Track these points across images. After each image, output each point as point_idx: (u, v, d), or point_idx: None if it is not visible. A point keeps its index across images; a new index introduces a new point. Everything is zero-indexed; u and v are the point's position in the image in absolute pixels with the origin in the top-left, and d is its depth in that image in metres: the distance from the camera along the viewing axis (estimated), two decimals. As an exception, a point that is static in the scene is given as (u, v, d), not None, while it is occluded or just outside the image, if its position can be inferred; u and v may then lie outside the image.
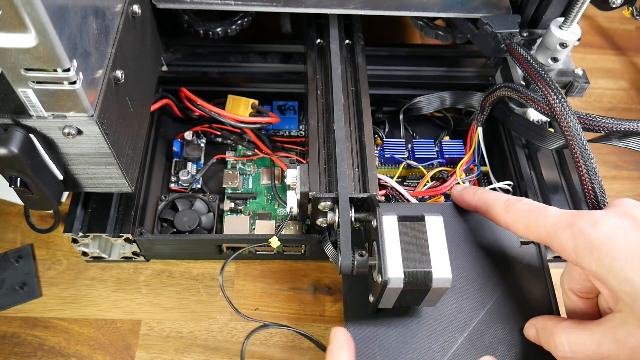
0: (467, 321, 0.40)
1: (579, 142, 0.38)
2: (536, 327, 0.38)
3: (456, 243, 0.42)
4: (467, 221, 0.43)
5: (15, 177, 0.34)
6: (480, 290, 0.41)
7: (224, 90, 0.54)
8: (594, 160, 0.38)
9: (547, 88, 0.41)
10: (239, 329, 0.46)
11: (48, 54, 0.29)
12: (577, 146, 0.38)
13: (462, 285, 0.41)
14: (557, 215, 0.35)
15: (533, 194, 0.48)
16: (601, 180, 0.38)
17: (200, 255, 0.49)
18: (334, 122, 0.44)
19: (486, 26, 0.47)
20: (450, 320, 0.40)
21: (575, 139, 0.38)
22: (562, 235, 0.34)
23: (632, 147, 0.43)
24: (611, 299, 0.33)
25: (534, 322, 0.38)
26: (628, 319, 0.31)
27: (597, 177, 0.38)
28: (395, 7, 0.47)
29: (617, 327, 0.31)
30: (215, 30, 0.51)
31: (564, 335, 0.34)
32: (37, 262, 0.49)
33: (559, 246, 0.34)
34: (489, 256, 0.42)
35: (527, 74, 0.43)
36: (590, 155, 0.38)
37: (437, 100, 0.54)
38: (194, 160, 0.53)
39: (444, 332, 0.39)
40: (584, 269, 0.33)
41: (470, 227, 0.43)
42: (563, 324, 0.35)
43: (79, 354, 0.44)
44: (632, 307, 0.30)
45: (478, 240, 0.43)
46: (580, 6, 0.44)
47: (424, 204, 0.47)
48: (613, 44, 0.71)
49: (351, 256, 0.37)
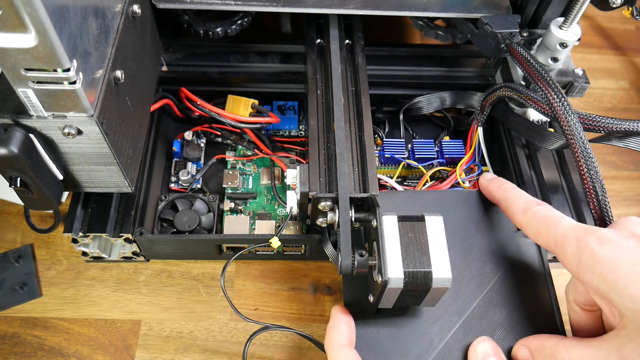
0: (465, 305, 0.40)
1: (579, 142, 0.38)
2: (530, 347, 0.37)
3: (454, 228, 0.43)
4: (464, 207, 0.44)
5: (15, 177, 0.34)
6: (478, 274, 0.41)
7: (224, 90, 0.54)
8: (595, 160, 0.38)
9: (547, 88, 0.41)
10: (239, 329, 0.46)
11: (48, 54, 0.29)
12: (578, 146, 0.38)
13: (460, 270, 0.41)
14: (568, 227, 0.35)
15: (533, 194, 0.48)
16: (602, 180, 0.38)
17: (200, 255, 0.49)
18: (334, 122, 0.44)
19: (486, 26, 0.47)
20: (449, 304, 0.40)
21: (576, 139, 0.38)
22: (567, 249, 0.34)
23: (632, 147, 0.43)
24: (612, 315, 0.33)
25: (525, 342, 0.38)
26: (633, 336, 0.31)
27: (599, 177, 0.38)
28: (395, 7, 0.47)
29: (622, 345, 0.31)
30: (215, 30, 0.51)
31: (567, 352, 0.34)
32: (37, 262, 0.49)
33: (564, 258, 0.34)
34: (486, 241, 0.43)
35: (527, 74, 0.43)
36: (591, 155, 0.38)
37: (437, 100, 0.54)
38: (194, 160, 0.53)
39: (442, 316, 0.40)
40: (585, 284, 0.33)
41: (468, 213, 0.44)
42: (565, 341, 0.35)
43: (79, 354, 0.44)
44: (637, 324, 0.30)
45: (476, 226, 0.43)
46: (580, 6, 0.43)
47: (424, 191, 0.48)
48: (613, 44, 0.71)
49: (351, 256, 0.37)
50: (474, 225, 0.43)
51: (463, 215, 0.44)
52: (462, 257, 0.42)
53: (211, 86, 0.54)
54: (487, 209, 0.44)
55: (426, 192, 0.46)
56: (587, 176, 0.38)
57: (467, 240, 0.43)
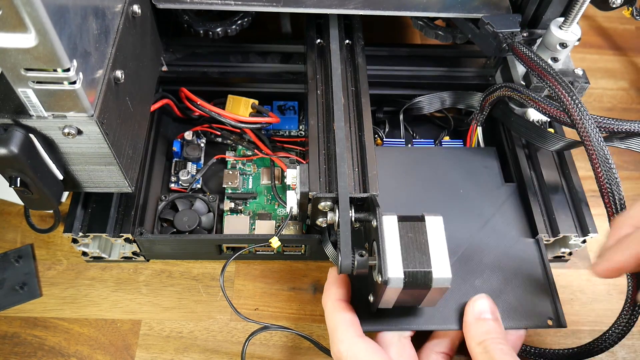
0: (455, 248, 0.42)
1: (595, 142, 0.38)
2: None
3: (443, 178, 0.48)
4: (453, 160, 0.49)
5: (15, 177, 0.34)
6: (467, 222, 0.45)
7: (224, 90, 0.54)
8: (610, 156, 0.38)
9: (556, 84, 0.40)
10: (239, 329, 0.46)
11: (48, 54, 0.29)
12: (591, 142, 0.38)
13: (451, 217, 0.43)
14: None
15: (533, 194, 0.48)
16: (618, 178, 0.38)
17: (200, 255, 0.49)
18: (334, 122, 0.44)
19: (487, 26, 0.46)
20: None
21: (592, 139, 0.38)
22: None
23: (633, 148, 0.43)
24: None
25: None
26: None
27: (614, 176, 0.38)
28: (395, 7, 0.47)
29: None
30: (215, 30, 0.51)
31: None
32: (37, 262, 0.49)
33: None
34: (474, 192, 0.47)
35: (533, 72, 0.42)
36: (606, 153, 0.38)
37: (437, 100, 0.54)
38: (194, 160, 0.53)
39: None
40: None
41: (457, 167, 0.49)
42: None
43: (79, 354, 0.44)
44: None
45: (465, 178, 0.48)
46: (580, 6, 0.43)
47: (417, 147, 0.52)
48: (613, 44, 0.71)
49: (351, 256, 0.37)
50: (463, 176, 0.48)
51: (451, 166, 0.49)
52: (453, 203, 0.46)
53: (211, 86, 0.54)
54: (475, 165, 0.49)
55: (418, 148, 0.52)
56: (602, 174, 0.38)
57: (457, 190, 0.47)
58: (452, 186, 0.47)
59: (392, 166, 0.48)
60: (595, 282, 0.50)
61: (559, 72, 0.41)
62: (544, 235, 0.46)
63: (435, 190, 0.47)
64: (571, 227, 0.46)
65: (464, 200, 0.46)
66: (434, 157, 0.49)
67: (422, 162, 0.49)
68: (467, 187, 0.47)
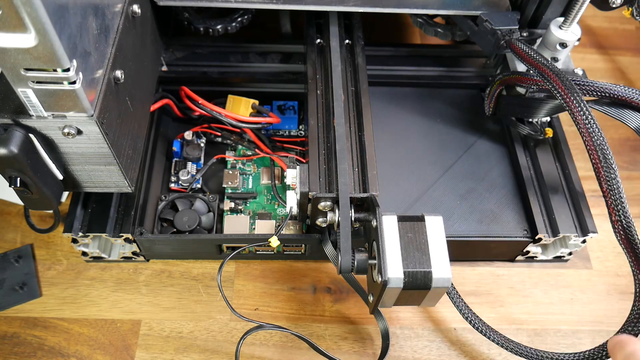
0: (446, 167, 0.48)
1: (594, 135, 0.38)
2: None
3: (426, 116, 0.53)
4: (435, 99, 0.54)
5: (15, 177, 0.34)
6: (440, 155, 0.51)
7: (224, 90, 0.54)
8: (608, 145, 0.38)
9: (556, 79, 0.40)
10: (238, 329, 0.46)
11: (48, 54, 0.29)
12: (592, 137, 0.38)
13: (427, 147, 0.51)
14: None
15: (533, 194, 0.48)
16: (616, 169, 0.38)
17: (200, 255, 0.49)
18: (334, 118, 0.44)
19: (486, 23, 0.47)
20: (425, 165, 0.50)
21: (591, 133, 0.38)
22: None
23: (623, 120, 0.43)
24: None
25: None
26: None
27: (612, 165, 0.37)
28: (394, 5, 0.47)
29: None
30: (215, 27, 0.51)
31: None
32: (37, 262, 0.49)
33: None
34: (455, 127, 0.53)
35: (532, 68, 0.42)
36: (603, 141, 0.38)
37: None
38: (194, 160, 0.53)
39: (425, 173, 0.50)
40: None
41: (438, 105, 0.54)
42: None
43: (79, 354, 0.44)
44: None
45: (445, 115, 0.54)
46: (580, 6, 0.43)
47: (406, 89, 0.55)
48: (613, 44, 0.71)
49: (351, 256, 0.37)
50: (446, 114, 0.53)
51: (432, 105, 0.54)
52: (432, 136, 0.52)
53: (211, 86, 0.54)
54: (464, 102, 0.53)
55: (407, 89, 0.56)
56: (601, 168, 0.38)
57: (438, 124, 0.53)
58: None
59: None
60: (595, 282, 0.50)
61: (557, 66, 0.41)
62: (544, 235, 0.46)
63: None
64: (571, 227, 0.46)
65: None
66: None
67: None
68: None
